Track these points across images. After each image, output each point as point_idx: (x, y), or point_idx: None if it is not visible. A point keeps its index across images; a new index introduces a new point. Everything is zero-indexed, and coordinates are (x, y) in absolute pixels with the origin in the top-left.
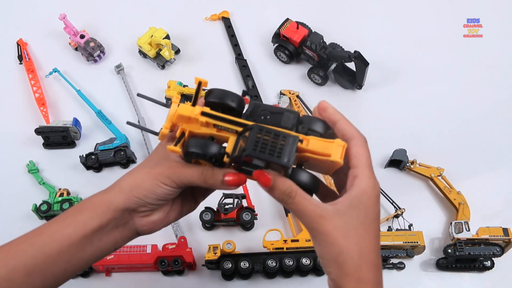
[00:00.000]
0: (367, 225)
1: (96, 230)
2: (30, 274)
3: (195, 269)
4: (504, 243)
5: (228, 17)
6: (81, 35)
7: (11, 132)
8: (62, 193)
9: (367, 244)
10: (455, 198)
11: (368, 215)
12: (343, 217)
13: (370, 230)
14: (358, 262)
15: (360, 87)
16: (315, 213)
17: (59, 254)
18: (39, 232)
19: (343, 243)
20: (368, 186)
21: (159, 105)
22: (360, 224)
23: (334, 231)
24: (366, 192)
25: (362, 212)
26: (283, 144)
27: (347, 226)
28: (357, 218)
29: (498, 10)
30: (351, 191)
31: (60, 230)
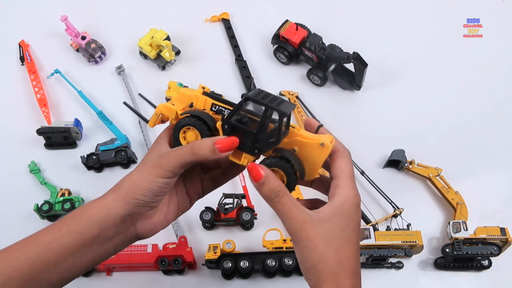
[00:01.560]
0: (348, 234)
1: (96, 238)
2: (27, 283)
3: (195, 268)
4: (501, 242)
5: (228, 18)
6: (82, 37)
7: (13, 133)
8: (63, 193)
9: (347, 253)
10: (453, 198)
11: (349, 225)
12: (325, 225)
13: (350, 239)
14: (337, 270)
15: (359, 88)
16: (300, 217)
17: (56, 263)
18: (33, 241)
19: (324, 250)
20: (350, 196)
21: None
22: (341, 232)
23: (316, 237)
24: (348, 201)
25: (343, 221)
26: (282, 101)
27: (328, 234)
28: (338, 227)
29: (498, 10)
30: (334, 200)
31: (56, 240)
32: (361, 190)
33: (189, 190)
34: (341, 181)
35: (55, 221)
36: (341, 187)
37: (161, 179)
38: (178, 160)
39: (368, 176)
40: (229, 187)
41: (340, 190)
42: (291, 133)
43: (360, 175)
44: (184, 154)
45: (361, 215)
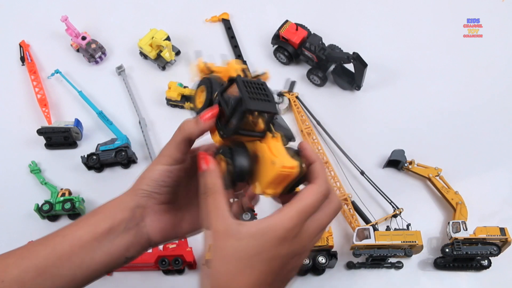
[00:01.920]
0: (254, 262)
1: (107, 232)
2: (40, 275)
3: (195, 268)
4: (501, 242)
5: (228, 18)
6: (83, 37)
7: (13, 133)
8: (63, 193)
9: (242, 280)
10: (453, 198)
11: (261, 254)
12: (237, 242)
13: (254, 268)
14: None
15: (358, 88)
16: (215, 224)
17: (69, 256)
18: (55, 234)
19: (219, 266)
20: (281, 225)
21: (159, 106)
22: (248, 257)
23: (219, 250)
24: (274, 230)
25: (256, 247)
26: (267, 99)
27: (233, 252)
28: (247, 250)
29: (498, 10)
30: (264, 220)
31: (72, 232)
32: (361, 190)
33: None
34: (287, 208)
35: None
36: (282, 212)
37: (160, 165)
38: (172, 143)
39: (368, 176)
40: None
41: (278, 214)
42: (265, 138)
43: (360, 175)
44: (175, 135)
45: (287, 252)
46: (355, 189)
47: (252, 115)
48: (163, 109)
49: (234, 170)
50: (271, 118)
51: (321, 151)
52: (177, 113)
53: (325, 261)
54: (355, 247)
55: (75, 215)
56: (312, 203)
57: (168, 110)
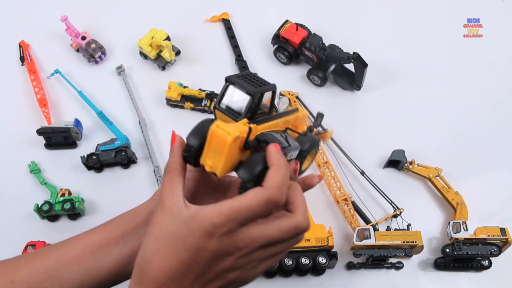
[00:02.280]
0: (179, 247)
1: (119, 238)
2: (49, 278)
3: None
4: (501, 242)
5: (228, 18)
6: (83, 37)
7: (13, 133)
8: (63, 193)
9: (161, 262)
10: (453, 198)
11: (187, 241)
12: (172, 222)
13: (177, 253)
14: (144, 267)
15: (359, 88)
16: (164, 199)
17: (80, 261)
18: (71, 238)
19: (148, 242)
20: (209, 216)
21: (159, 106)
22: (174, 239)
23: (156, 225)
24: (205, 219)
25: (185, 231)
26: (259, 84)
27: (165, 231)
28: (177, 233)
29: (498, 10)
30: (201, 208)
31: (86, 237)
32: (362, 190)
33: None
34: (223, 202)
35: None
36: (216, 205)
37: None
38: (172, 151)
39: (368, 176)
40: None
41: (213, 205)
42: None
43: (360, 175)
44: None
45: (215, 248)
46: (355, 189)
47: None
48: (163, 109)
49: (187, 144)
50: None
51: (321, 151)
52: (177, 113)
53: (325, 261)
54: (355, 247)
55: (75, 215)
56: (249, 206)
57: (168, 110)
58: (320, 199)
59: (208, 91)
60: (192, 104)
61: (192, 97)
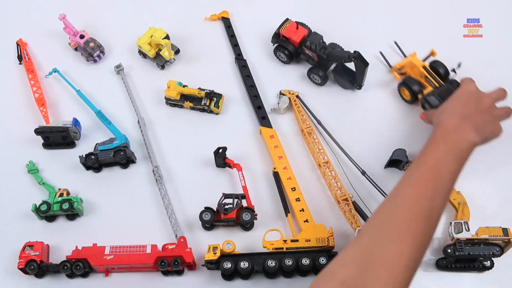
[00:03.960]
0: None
1: None
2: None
3: (195, 269)
4: (503, 243)
5: (227, 17)
6: (81, 35)
7: (11, 132)
8: (62, 193)
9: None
10: (455, 198)
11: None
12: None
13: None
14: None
15: (360, 87)
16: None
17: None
18: None
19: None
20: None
21: (158, 106)
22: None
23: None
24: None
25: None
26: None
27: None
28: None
29: (498, 10)
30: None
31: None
32: (362, 190)
33: None
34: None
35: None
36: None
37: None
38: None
39: (369, 176)
40: (229, 187)
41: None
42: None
43: (361, 175)
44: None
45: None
46: (356, 189)
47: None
48: (162, 109)
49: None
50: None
51: (321, 150)
52: (176, 113)
53: (326, 262)
54: None
55: (73, 216)
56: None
57: (167, 109)
58: (320, 199)
59: (208, 90)
60: (191, 103)
61: (191, 96)
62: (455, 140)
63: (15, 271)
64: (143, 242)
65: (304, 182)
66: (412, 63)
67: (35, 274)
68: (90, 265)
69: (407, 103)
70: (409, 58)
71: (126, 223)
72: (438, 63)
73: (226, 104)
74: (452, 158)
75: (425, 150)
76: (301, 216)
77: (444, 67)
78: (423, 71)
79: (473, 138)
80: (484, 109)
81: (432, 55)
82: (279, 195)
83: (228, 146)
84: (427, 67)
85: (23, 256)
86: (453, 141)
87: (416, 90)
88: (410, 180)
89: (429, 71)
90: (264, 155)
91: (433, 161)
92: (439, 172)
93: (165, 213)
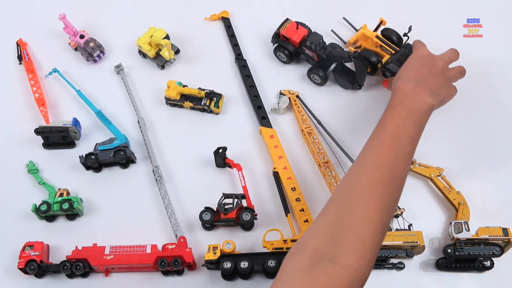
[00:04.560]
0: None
1: None
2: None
3: (195, 269)
4: (503, 243)
5: (227, 17)
6: (81, 35)
7: (10, 132)
8: (62, 193)
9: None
10: (455, 198)
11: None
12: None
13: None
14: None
15: (360, 87)
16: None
17: None
18: None
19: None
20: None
21: (158, 105)
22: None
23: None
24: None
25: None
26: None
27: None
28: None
29: (498, 10)
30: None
31: None
32: None
33: None
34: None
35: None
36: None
37: None
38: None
39: None
40: (229, 187)
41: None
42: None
43: None
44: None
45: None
46: None
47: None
48: (162, 109)
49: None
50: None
51: (321, 150)
52: (176, 112)
53: None
54: None
55: (73, 216)
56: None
57: (167, 109)
58: (320, 199)
59: (208, 90)
60: (191, 103)
61: (191, 96)
62: (412, 103)
63: (15, 271)
64: (143, 242)
65: (304, 182)
66: (365, 35)
67: (35, 274)
68: (90, 265)
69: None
70: (361, 31)
71: (126, 223)
72: (390, 30)
73: (226, 104)
74: (411, 121)
75: (384, 117)
76: (301, 216)
77: (396, 33)
78: (377, 41)
79: (429, 101)
80: (438, 72)
81: (382, 23)
82: (279, 195)
83: (228, 146)
84: (380, 36)
85: (23, 256)
86: (410, 105)
87: (375, 61)
88: (371, 147)
89: (382, 40)
90: (264, 155)
91: (392, 126)
92: (399, 136)
93: (165, 213)
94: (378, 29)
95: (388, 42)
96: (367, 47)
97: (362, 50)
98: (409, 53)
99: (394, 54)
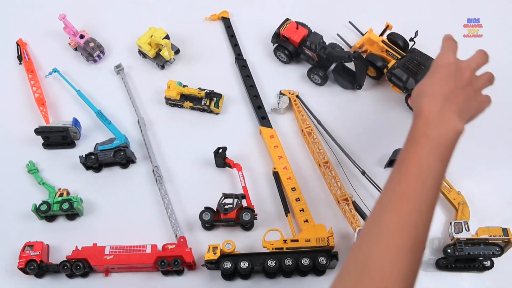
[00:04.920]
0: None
1: None
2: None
3: (194, 269)
4: (503, 243)
5: (227, 17)
6: (81, 35)
7: (10, 132)
8: (61, 193)
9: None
10: (455, 198)
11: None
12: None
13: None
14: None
15: (360, 87)
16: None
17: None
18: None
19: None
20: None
21: (158, 105)
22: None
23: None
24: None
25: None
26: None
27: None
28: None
29: (498, 10)
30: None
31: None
32: (362, 190)
33: None
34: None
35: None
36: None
37: None
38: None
39: (369, 176)
40: (229, 187)
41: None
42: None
43: (361, 175)
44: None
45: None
46: (356, 189)
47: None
48: (162, 109)
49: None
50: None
51: (321, 150)
52: (176, 112)
53: (325, 262)
54: None
55: (73, 216)
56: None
57: (167, 109)
58: (320, 199)
59: (208, 90)
60: (191, 103)
61: (191, 96)
62: (438, 133)
63: (15, 271)
64: (143, 242)
65: (304, 182)
66: (370, 39)
67: (35, 274)
68: (90, 265)
69: (373, 79)
70: (367, 35)
71: (126, 223)
72: (396, 35)
73: (226, 104)
74: (437, 157)
75: (405, 152)
76: (301, 216)
77: (402, 38)
78: (383, 45)
79: (458, 126)
80: (465, 84)
81: (388, 28)
82: (279, 195)
83: (228, 146)
84: (386, 41)
85: (23, 256)
86: (436, 135)
87: (381, 66)
88: (391, 200)
89: (388, 45)
90: (264, 155)
91: (414, 168)
92: (423, 181)
93: (165, 213)
94: (384, 34)
95: (394, 47)
96: (373, 52)
97: (368, 55)
98: (415, 59)
99: (401, 59)
